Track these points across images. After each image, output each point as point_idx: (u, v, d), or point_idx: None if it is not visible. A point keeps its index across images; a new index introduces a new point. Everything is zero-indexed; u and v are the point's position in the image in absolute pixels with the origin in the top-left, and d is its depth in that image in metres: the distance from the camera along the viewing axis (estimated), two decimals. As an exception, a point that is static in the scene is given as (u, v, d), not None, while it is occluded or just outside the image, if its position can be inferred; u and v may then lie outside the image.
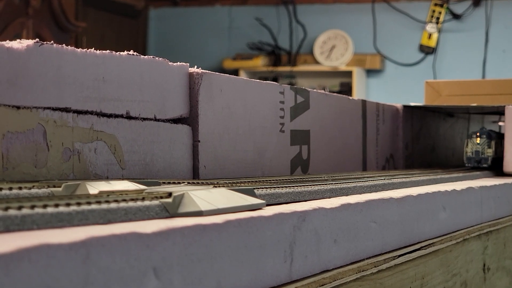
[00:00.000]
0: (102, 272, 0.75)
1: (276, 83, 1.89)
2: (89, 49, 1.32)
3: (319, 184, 1.44)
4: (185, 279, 0.87)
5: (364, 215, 1.33)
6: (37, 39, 1.22)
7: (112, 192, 1.02)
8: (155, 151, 1.46)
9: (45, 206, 0.84)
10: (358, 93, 6.71)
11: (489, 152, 2.50)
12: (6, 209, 0.80)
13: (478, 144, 2.51)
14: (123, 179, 1.24)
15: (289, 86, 1.93)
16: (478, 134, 2.53)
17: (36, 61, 1.20)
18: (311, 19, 7.08)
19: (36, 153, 1.21)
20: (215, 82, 1.61)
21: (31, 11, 5.43)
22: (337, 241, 1.23)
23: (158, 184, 1.21)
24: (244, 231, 0.98)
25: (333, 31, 6.95)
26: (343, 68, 6.83)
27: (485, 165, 2.50)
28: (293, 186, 1.35)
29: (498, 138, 2.58)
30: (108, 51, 1.35)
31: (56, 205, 0.86)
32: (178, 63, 1.54)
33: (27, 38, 1.21)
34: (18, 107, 1.18)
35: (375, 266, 1.34)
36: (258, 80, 1.81)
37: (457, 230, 1.78)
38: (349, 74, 6.83)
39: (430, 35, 6.77)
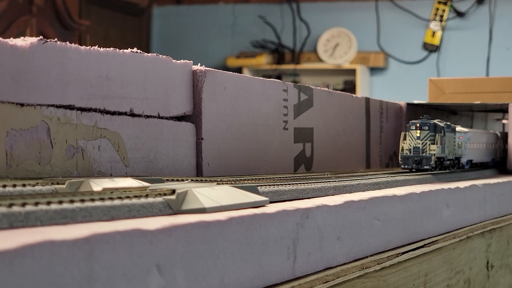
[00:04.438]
0: (106, 268, 0.75)
1: (280, 80, 1.89)
2: (92, 47, 1.32)
3: (323, 182, 1.44)
4: (188, 275, 0.87)
5: (368, 212, 1.33)
6: (41, 37, 1.22)
7: (116, 189, 1.03)
8: (158, 148, 1.46)
9: (48, 203, 0.85)
10: (361, 91, 6.70)
11: (433, 149, 1.94)
12: (10, 205, 0.80)
13: (418, 138, 1.95)
14: (126, 176, 1.25)
15: (293, 83, 1.93)
16: (418, 125, 1.97)
17: (40, 58, 1.21)
18: (315, 17, 7.08)
19: (40, 151, 1.21)
20: (219, 80, 1.61)
21: (35, 9, 5.43)
22: (340, 238, 1.23)
23: (162, 181, 1.21)
24: (247, 228, 0.99)
25: (336, 29, 6.95)
26: (347, 66, 6.83)
27: (426, 167, 1.93)
28: (296, 184, 1.35)
29: (451, 132, 2.09)
30: (111, 48, 1.36)
31: (60, 202, 0.86)
32: (182, 61, 1.54)
33: (31, 36, 1.21)
34: (22, 105, 1.18)
35: (378, 263, 1.35)
36: (261, 78, 1.81)
37: (461, 228, 1.78)
38: (352, 72, 6.83)
39: (433, 33, 6.76)
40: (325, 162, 2.09)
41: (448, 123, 2.07)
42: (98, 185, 1.09)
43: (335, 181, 1.49)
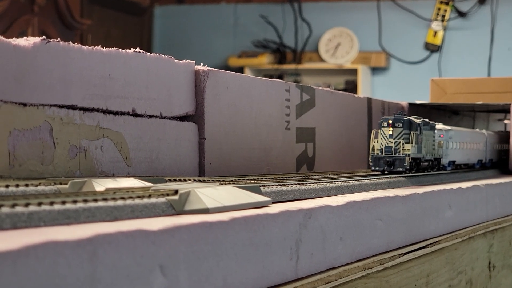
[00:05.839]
0: (109, 269, 0.75)
1: (282, 81, 1.89)
2: (95, 47, 1.32)
3: (325, 182, 1.44)
4: (191, 276, 0.87)
5: (370, 213, 1.33)
6: (44, 37, 1.22)
7: (119, 189, 1.02)
8: (161, 148, 1.46)
9: (51, 203, 0.85)
10: (363, 91, 6.70)
11: (408, 149, 1.71)
12: (13, 206, 0.80)
13: (390, 136, 1.73)
14: (129, 176, 1.25)
15: (295, 83, 1.93)
16: (390, 121, 1.74)
17: (43, 58, 1.21)
18: (316, 16, 7.07)
19: (42, 151, 1.21)
20: (221, 79, 1.61)
21: (37, 9, 5.43)
22: (342, 238, 1.23)
23: (164, 181, 1.21)
24: (250, 229, 0.98)
25: (338, 28, 6.95)
26: (348, 66, 6.82)
27: (400, 169, 1.71)
28: (299, 184, 1.35)
29: (430, 129, 1.87)
30: (114, 48, 1.36)
31: (63, 202, 0.86)
32: (184, 60, 1.54)
33: (33, 36, 1.21)
34: (24, 104, 1.18)
35: (380, 264, 1.34)
36: (264, 78, 1.81)
37: (463, 228, 1.78)
38: (354, 72, 6.82)
39: (435, 33, 6.75)
40: (327, 162, 2.09)
41: (427, 120, 1.87)
42: (100, 185, 1.09)
43: (337, 181, 1.48)
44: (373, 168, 1.73)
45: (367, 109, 2.37)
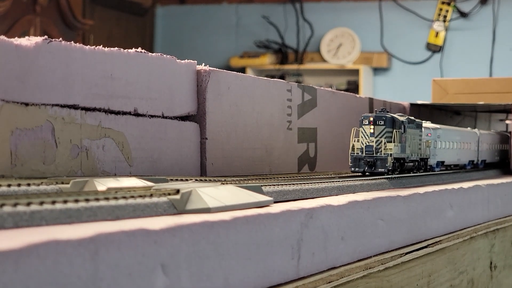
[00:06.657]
0: (111, 268, 0.75)
1: (284, 81, 1.89)
2: (97, 47, 1.32)
3: (326, 182, 1.44)
4: (193, 275, 0.87)
5: (372, 213, 1.33)
6: (46, 36, 1.22)
7: (120, 188, 1.03)
8: (162, 148, 1.46)
9: (53, 203, 0.85)
10: (365, 91, 6.70)
11: (390, 148, 1.60)
12: (15, 205, 0.80)
13: (371, 135, 1.61)
14: (131, 176, 1.25)
15: (297, 84, 1.94)
16: (371, 119, 1.63)
17: (45, 58, 1.21)
18: (318, 17, 7.08)
19: (44, 150, 1.21)
20: (223, 79, 1.61)
21: (39, 9, 5.44)
22: (344, 238, 1.23)
23: (166, 181, 1.21)
24: (252, 228, 0.99)
25: (340, 29, 6.94)
26: (350, 66, 6.82)
27: (381, 170, 1.59)
28: (301, 183, 1.35)
29: (416, 128, 1.77)
30: (116, 48, 1.36)
31: (65, 202, 0.86)
32: (186, 60, 1.54)
33: (35, 36, 1.21)
34: (26, 104, 1.18)
35: (382, 264, 1.35)
36: (265, 78, 1.81)
37: (464, 228, 1.78)
38: (356, 72, 6.82)
39: (437, 33, 6.75)
40: (328, 162, 2.09)
41: (412, 117, 1.76)
42: (102, 184, 1.09)
43: (338, 181, 1.48)
44: (352, 169, 1.61)
45: (368, 109, 2.38)
